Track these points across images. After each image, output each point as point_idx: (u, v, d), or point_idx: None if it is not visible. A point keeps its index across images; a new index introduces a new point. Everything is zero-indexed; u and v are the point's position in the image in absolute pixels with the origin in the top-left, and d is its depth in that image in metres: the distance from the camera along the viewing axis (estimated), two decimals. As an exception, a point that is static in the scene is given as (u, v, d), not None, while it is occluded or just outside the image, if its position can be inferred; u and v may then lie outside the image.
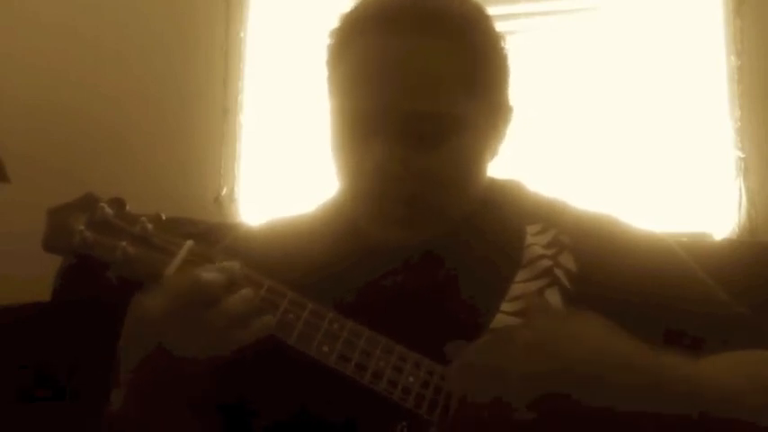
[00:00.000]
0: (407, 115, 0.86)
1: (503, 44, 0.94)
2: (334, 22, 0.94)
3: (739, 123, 1.71)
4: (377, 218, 0.91)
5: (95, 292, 0.83)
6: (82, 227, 0.83)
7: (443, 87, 0.87)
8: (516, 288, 0.90)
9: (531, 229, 0.96)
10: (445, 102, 0.87)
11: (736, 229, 1.69)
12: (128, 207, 0.87)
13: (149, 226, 0.84)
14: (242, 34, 2.04)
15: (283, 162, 2.01)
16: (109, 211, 0.85)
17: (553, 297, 0.91)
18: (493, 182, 0.99)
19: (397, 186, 0.87)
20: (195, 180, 1.98)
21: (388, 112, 0.86)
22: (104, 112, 2.03)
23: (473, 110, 0.89)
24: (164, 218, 0.86)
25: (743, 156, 1.70)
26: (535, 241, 0.95)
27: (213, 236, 1.02)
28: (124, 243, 0.82)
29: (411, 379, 0.80)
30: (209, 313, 0.76)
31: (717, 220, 1.72)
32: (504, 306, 0.89)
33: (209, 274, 0.78)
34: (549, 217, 0.98)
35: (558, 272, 0.93)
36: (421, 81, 0.87)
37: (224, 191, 1.98)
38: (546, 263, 0.93)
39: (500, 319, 0.88)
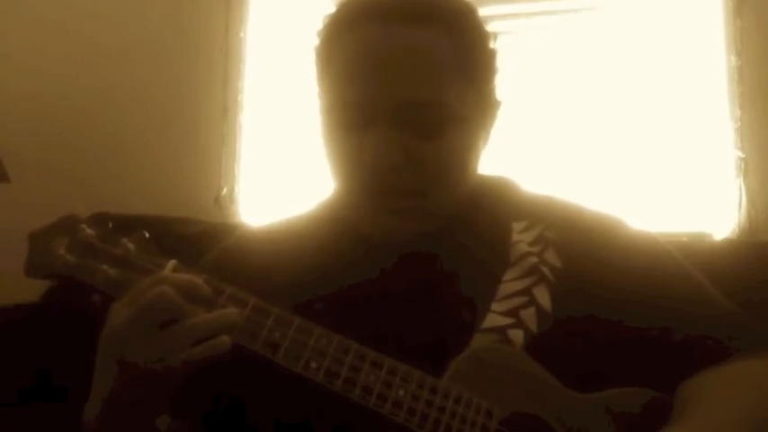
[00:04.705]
0: (406, 104, 0.86)
1: (492, 39, 0.94)
2: (327, 14, 0.93)
3: (739, 123, 1.71)
4: (373, 210, 0.90)
5: (81, 314, 0.81)
6: (62, 251, 0.83)
7: (439, 77, 0.87)
8: (506, 287, 0.90)
9: (516, 226, 0.96)
10: (441, 91, 0.87)
11: (736, 229, 1.69)
12: (110, 225, 0.86)
13: (131, 246, 0.83)
14: (242, 34, 2.04)
15: (283, 162, 2.01)
16: (90, 232, 0.84)
17: (541, 294, 0.90)
18: (481, 178, 0.99)
19: (396, 177, 0.87)
20: (195, 180, 1.98)
21: (387, 100, 0.86)
22: (104, 112, 2.03)
23: (467, 100, 0.90)
24: (147, 236, 0.85)
25: (743, 156, 1.70)
26: (521, 238, 0.95)
27: (212, 236, 1.02)
28: (105, 266, 0.82)
29: (401, 393, 0.79)
30: (171, 329, 0.75)
31: (717, 220, 1.72)
32: (495, 306, 0.89)
33: (172, 291, 0.76)
34: (536, 213, 0.97)
35: (545, 269, 0.92)
36: (417, 70, 0.87)
37: (224, 191, 1.98)
38: (532, 260, 0.92)
39: (491, 319, 0.88)
